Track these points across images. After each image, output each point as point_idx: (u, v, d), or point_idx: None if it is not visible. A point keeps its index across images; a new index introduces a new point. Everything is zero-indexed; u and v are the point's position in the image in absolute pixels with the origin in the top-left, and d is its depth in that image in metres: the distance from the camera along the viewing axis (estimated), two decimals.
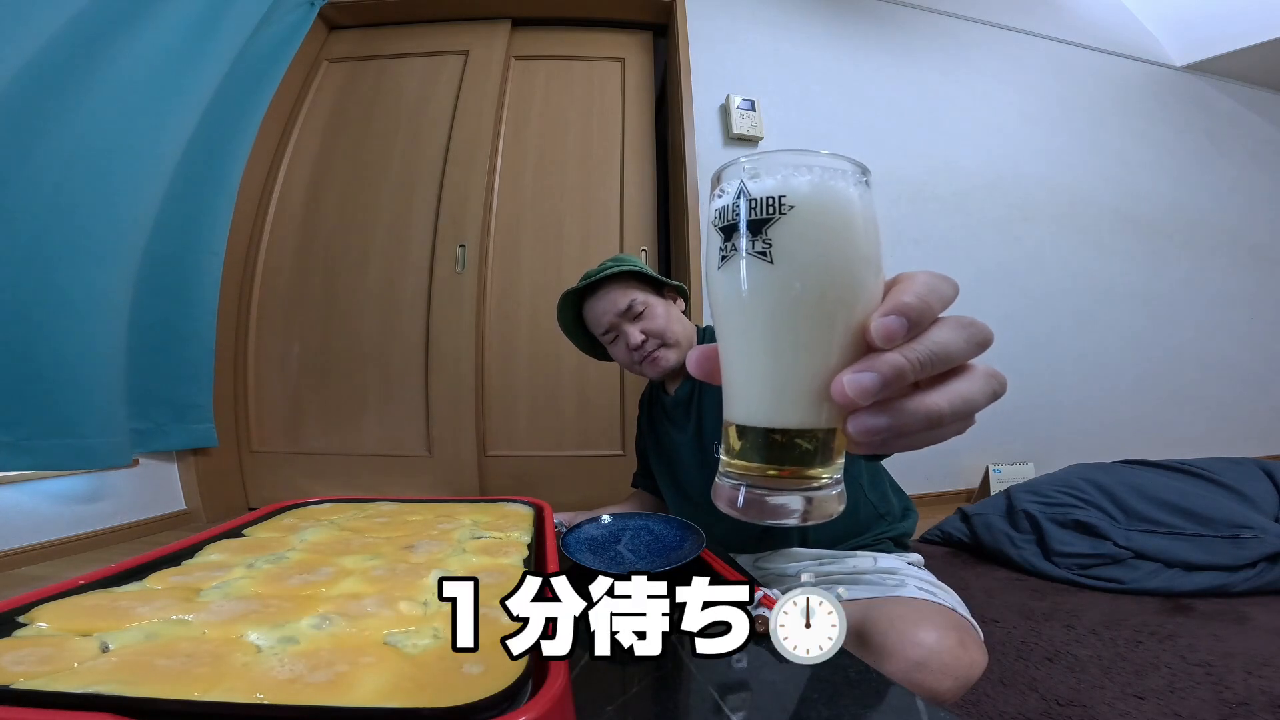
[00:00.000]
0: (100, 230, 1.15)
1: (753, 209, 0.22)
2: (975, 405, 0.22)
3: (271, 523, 0.54)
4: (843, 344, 0.22)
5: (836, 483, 0.23)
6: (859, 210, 0.22)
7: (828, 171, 0.22)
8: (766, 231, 0.22)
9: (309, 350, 1.68)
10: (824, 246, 0.21)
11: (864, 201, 0.23)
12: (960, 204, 1.97)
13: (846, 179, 0.22)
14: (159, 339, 1.36)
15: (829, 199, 0.22)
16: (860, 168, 0.23)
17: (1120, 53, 2.29)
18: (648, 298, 0.85)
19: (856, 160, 0.23)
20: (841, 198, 0.22)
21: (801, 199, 0.21)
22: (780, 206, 0.21)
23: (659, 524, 0.59)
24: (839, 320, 0.22)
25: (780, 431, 0.22)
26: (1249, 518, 1.23)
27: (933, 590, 0.67)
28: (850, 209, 0.22)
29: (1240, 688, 0.79)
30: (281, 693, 0.24)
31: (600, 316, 0.85)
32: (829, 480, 0.23)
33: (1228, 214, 2.30)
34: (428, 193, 1.72)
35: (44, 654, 0.27)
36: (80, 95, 1.11)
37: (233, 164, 1.52)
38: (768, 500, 0.23)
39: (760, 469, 0.23)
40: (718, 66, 1.81)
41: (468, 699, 0.23)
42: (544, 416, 1.66)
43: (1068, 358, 2.02)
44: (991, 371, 0.23)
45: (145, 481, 1.40)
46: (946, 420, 0.21)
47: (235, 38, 1.40)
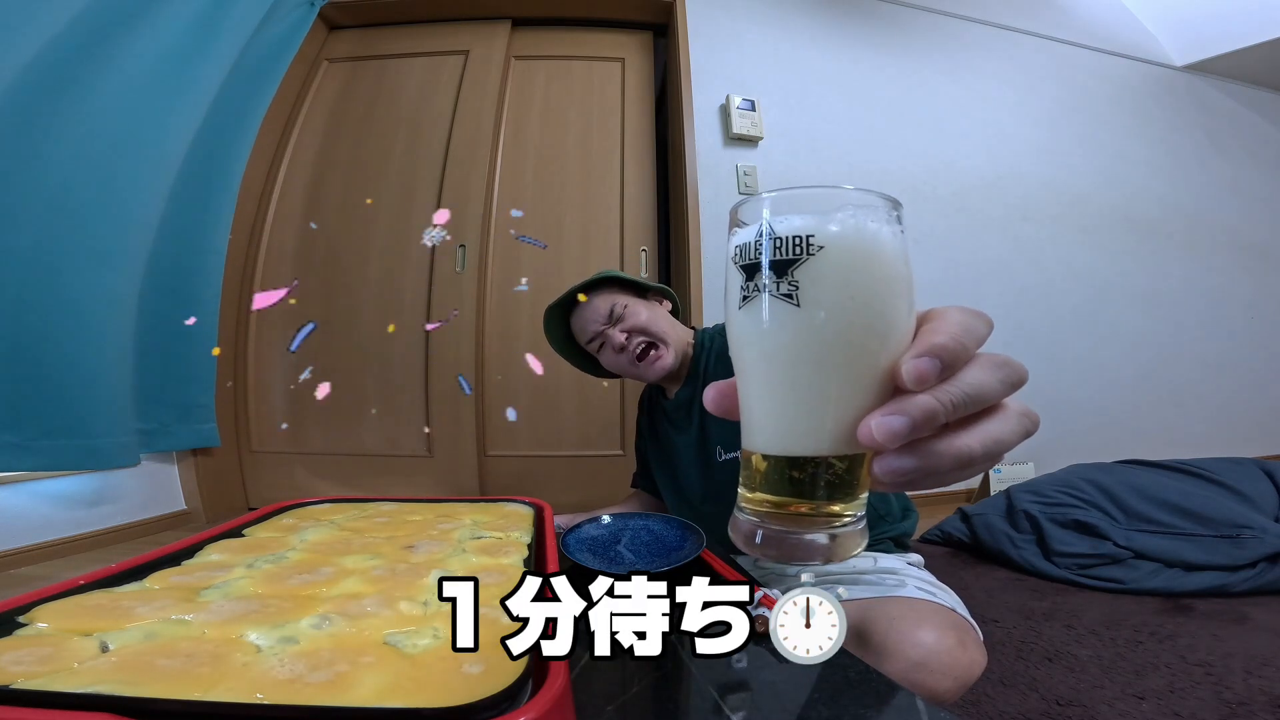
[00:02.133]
0: (106, 230, 1.15)
1: (778, 249, 0.21)
2: (1006, 446, 0.21)
3: (271, 523, 0.54)
4: (872, 385, 0.21)
5: (859, 519, 0.22)
6: (891, 249, 0.21)
7: (859, 210, 0.21)
8: (793, 273, 0.21)
9: (309, 350, 1.67)
10: (854, 289, 0.21)
11: (896, 240, 0.22)
12: (960, 204, 1.97)
13: (878, 217, 0.21)
14: (163, 339, 1.36)
15: (859, 239, 0.21)
16: (892, 203, 0.22)
17: (1120, 53, 2.29)
18: (629, 300, 0.86)
19: (888, 195, 0.22)
20: (873, 238, 0.21)
21: (831, 239, 0.20)
22: (809, 247, 0.20)
23: (659, 524, 0.59)
24: (869, 362, 0.21)
25: (804, 462, 0.22)
26: (1249, 518, 1.23)
27: (932, 590, 0.67)
28: (882, 249, 0.21)
29: (1240, 688, 0.79)
30: (281, 693, 0.24)
31: (587, 326, 0.87)
32: (852, 518, 0.22)
33: (1228, 213, 2.30)
34: (428, 193, 1.72)
35: (44, 654, 0.27)
36: (84, 95, 1.11)
37: (234, 164, 1.52)
38: (789, 538, 0.22)
39: (782, 503, 0.22)
40: (718, 66, 1.81)
41: (468, 699, 0.23)
42: (544, 416, 1.66)
43: (1068, 357, 2.01)
44: (1024, 410, 0.22)
45: (145, 481, 1.40)
46: (978, 461, 0.20)
47: (236, 38, 1.40)
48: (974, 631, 0.63)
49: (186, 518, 1.47)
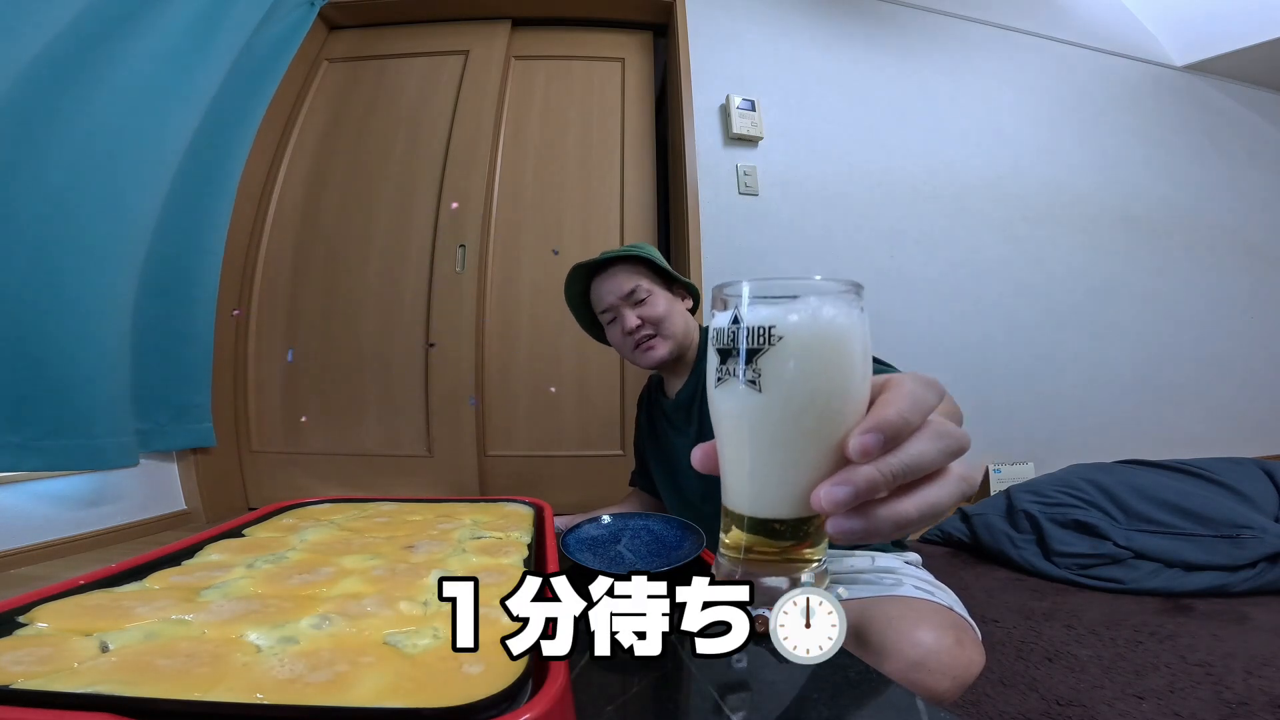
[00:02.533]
0: (106, 231, 1.15)
1: (745, 337, 0.24)
2: (941, 510, 0.24)
3: (271, 523, 0.54)
4: (826, 458, 0.24)
5: (822, 563, 0.26)
6: (845, 336, 0.24)
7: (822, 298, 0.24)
8: (757, 361, 0.24)
9: (309, 350, 1.67)
10: (809, 375, 0.23)
11: (852, 325, 0.24)
12: (960, 204, 1.97)
13: (838, 305, 0.24)
14: (160, 339, 1.36)
15: (814, 329, 0.23)
16: (854, 289, 0.25)
17: (1120, 53, 2.29)
18: (653, 287, 0.87)
19: (850, 282, 0.25)
20: (828, 327, 0.24)
21: (789, 329, 0.23)
22: (770, 337, 0.23)
23: (659, 524, 0.59)
24: (823, 438, 0.24)
25: (771, 520, 0.25)
26: (1249, 518, 1.23)
27: (931, 589, 0.67)
28: (837, 336, 0.24)
29: (1240, 688, 0.79)
30: (281, 692, 0.24)
31: (604, 296, 0.88)
32: (817, 562, 0.26)
33: (1228, 213, 2.30)
34: (428, 193, 1.72)
35: (44, 654, 0.27)
36: (84, 95, 1.11)
37: (231, 164, 1.52)
38: (763, 581, 0.25)
39: (753, 552, 0.26)
40: (718, 66, 1.81)
41: (468, 699, 0.23)
42: (544, 416, 1.66)
43: (1068, 357, 2.01)
44: (963, 475, 0.24)
45: (145, 481, 1.40)
46: (914, 524, 0.23)
47: (236, 37, 1.40)
48: (972, 630, 0.63)
49: (186, 518, 1.47)
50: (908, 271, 1.87)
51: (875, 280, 1.84)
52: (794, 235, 1.76)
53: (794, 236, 1.76)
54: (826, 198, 1.83)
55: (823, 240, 1.79)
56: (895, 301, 1.84)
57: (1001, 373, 1.92)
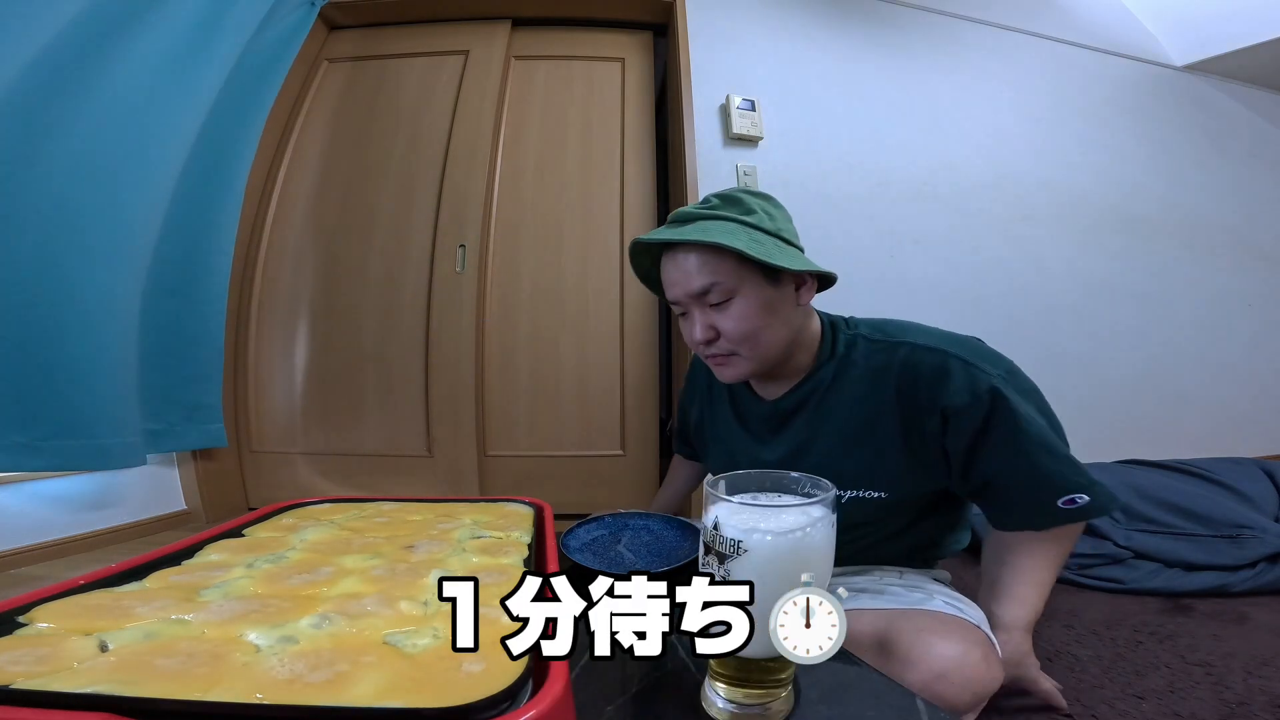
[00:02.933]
0: (108, 232, 1.15)
1: (720, 544, 0.30)
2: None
3: (271, 523, 0.54)
4: None
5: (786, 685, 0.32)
6: (804, 544, 0.30)
7: (788, 516, 0.30)
8: (727, 564, 0.30)
9: (309, 350, 1.67)
10: (767, 580, 0.29)
11: (815, 531, 0.30)
12: (960, 204, 1.97)
13: (803, 520, 0.30)
14: (171, 339, 1.37)
15: (776, 547, 0.29)
16: (827, 507, 0.31)
17: (1120, 53, 2.28)
18: (740, 286, 0.61)
19: (824, 499, 0.31)
20: (788, 545, 0.29)
21: (754, 545, 0.29)
22: (738, 549, 0.29)
23: (659, 524, 0.59)
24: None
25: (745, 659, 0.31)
26: (1249, 518, 1.23)
27: (959, 606, 0.66)
28: (794, 551, 0.29)
29: (1240, 688, 0.79)
30: (281, 692, 0.24)
31: (670, 286, 0.65)
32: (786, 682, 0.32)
33: (1228, 213, 2.30)
34: (428, 193, 1.72)
35: (43, 653, 0.27)
36: (85, 97, 1.11)
37: (238, 164, 1.52)
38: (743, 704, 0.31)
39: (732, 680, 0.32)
40: (718, 66, 1.81)
41: (468, 699, 0.24)
42: (544, 416, 1.66)
43: (1067, 357, 2.01)
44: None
45: (145, 482, 1.40)
46: None
47: (237, 38, 1.40)
48: (995, 649, 0.62)
49: (186, 518, 1.47)
50: (908, 271, 1.87)
51: (875, 280, 1.84)
52: None
53: None
54: (826, 198, 1.82)
55: (823, 240, 1.79)
56: (895, 301, 1.84)
57: None
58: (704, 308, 0.63)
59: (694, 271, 0.61)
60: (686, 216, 0.63)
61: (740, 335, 0.62)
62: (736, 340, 0.63)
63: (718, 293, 0.61)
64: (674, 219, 0.65)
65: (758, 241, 0.60)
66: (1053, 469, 0.63)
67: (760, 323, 0.62)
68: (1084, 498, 0.63)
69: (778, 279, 0.63)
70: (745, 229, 0.61)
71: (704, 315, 0.63)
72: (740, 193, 0.65)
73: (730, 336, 0.63)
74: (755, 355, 0.64)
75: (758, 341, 0.63)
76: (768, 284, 0.62)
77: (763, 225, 0.62)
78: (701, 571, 0.32)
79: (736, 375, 0.66)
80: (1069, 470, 0.63)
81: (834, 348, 0.69)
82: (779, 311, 0.63)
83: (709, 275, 0.60)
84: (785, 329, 0.65)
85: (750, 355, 0.64)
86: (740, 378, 0.66)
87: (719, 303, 0.62)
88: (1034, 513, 0.65)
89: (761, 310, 0.62)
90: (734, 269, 0.60)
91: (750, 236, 0.60)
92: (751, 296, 0.61)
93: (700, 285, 0.61)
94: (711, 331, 0.63)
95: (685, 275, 0.62)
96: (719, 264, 0.60)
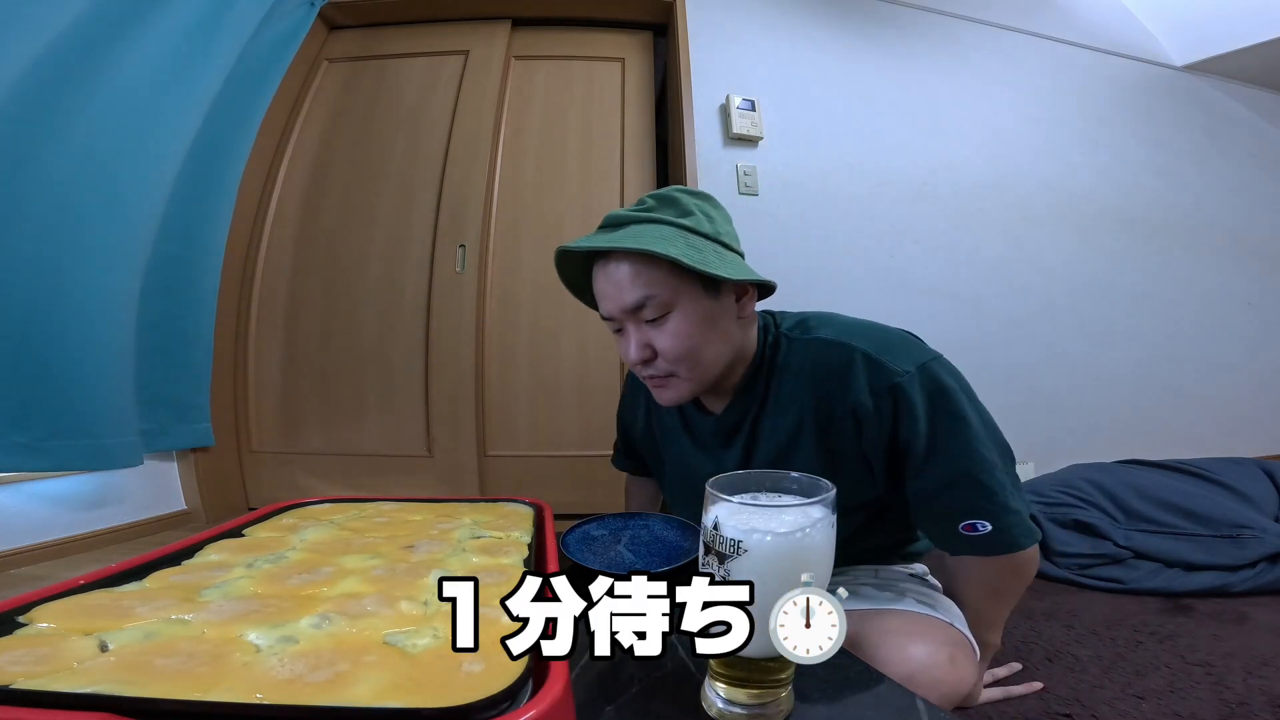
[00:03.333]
0: (109, 231, 1.15)
1: (720, 544, 0.30)
2: None
3: (271, 523, 0.54)
4: None
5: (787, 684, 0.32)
6: (803, 545, 0.30)
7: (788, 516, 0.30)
8: (726, 564, 0.30)
9: (309, 350, 1.67)
10: (767, 581, 0.29)
11: (815, 531, 0.30)
12: (960, 204, 1.97)
13: (803, 519, 0.30)
14: (161, 339, 1.36)
15: (775, 548, 0.29)
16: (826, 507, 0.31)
17: (1120, 53, 2.29)
18: (677, 298, 0.56)
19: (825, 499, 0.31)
20: (788, 545, 0.29)
21: (753, 545, 0.29)
22: (738, 549, 0.29)
23: (659, 524, 0.59)
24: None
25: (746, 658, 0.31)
26: (1249, 518, 1.23)
27: (931, 604, 0.65)
28: (794, 551, 0.29)
29: (1240, 688, 0.79)
30: (281, 692, 0.24)
31: (602, 300, 0.60)
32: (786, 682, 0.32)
33: (1228, 214, 2.30)
34: (428, 193, 1.72)
35: (43, 653, 0.27)
36: (85, 97, 1.11)
37: (232, 164, 1.52)
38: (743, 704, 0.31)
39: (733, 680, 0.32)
40: (718, 66, 1.81)
41: (468, 699, 0.24)
42: (544, 416, 1.66)
43: (1068, 357, 2.02)
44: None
45: (145, 481, 1.40)
46: None
47: (237, 38, 1.40)
48: (968, 647, 0.61)
49: (186, 518, 1.47)
50: (908, 271, 1.87)
51: (875, 280, 1.84)
52: (794, 235, 1.76)
53: (794, 236, 1.76)
54: (826, 198, 1.82)
55: (823, 240, 1.79)
56: (895, 301, 1.84)
57: (1001, 373, 1.92)
58: (639, 324, 0.58)
59: (626, 283, 0.56)
60: (619, 220, 0.58)
61: (678, 354, 0.57)
62: (674, 359, 0.58)
63: (653, 307, 0.56)
64: (606, 223, 0.59)
65: (695, 248, 0.55)
66: (960, 486, 0.54)
67: (700, 339, 0.57)
68: (986, 526, 0.54)
69: (718, 290, 0.58)
70: (681, 233, 0.56)
71: (639, 332, 0.58)
72: (677, 192, 0.60)
73: (668, 355, 0.58)
74: (695, 376, 0.59)
75: (697, 360, 0.58)
76: (706, 295, 0.57)
77: (700, 229, 0.57)
78: (701, 571, 0.32)
79: (676, 398, 0.61)
80: (974, 492, 0.54)
81: (763, 354, 0.65)
82: (719, 325, 0.59)
83: (642, 288, 0.55)
84: (726, 345, 0.60)
85: (690, 376, 0.59)
86: (679, 400, 0.62)
87: (655, 318, 0.57)
88: (938, 534, 0.59)
89: (701, 325, 0.57)
90: (670, 279, 0.55)
91: (687, 242, 0.55)
92: (689, 310, 0.57)
93: (634, 299, 0.56)
94: (648, 350, 0.58)
95: (617, 288, 0.56)
96: (653, 274, 0.55)
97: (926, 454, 0.54)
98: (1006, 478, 0.55)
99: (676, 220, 0.57)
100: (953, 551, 0.59)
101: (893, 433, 0.55)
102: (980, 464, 0.54)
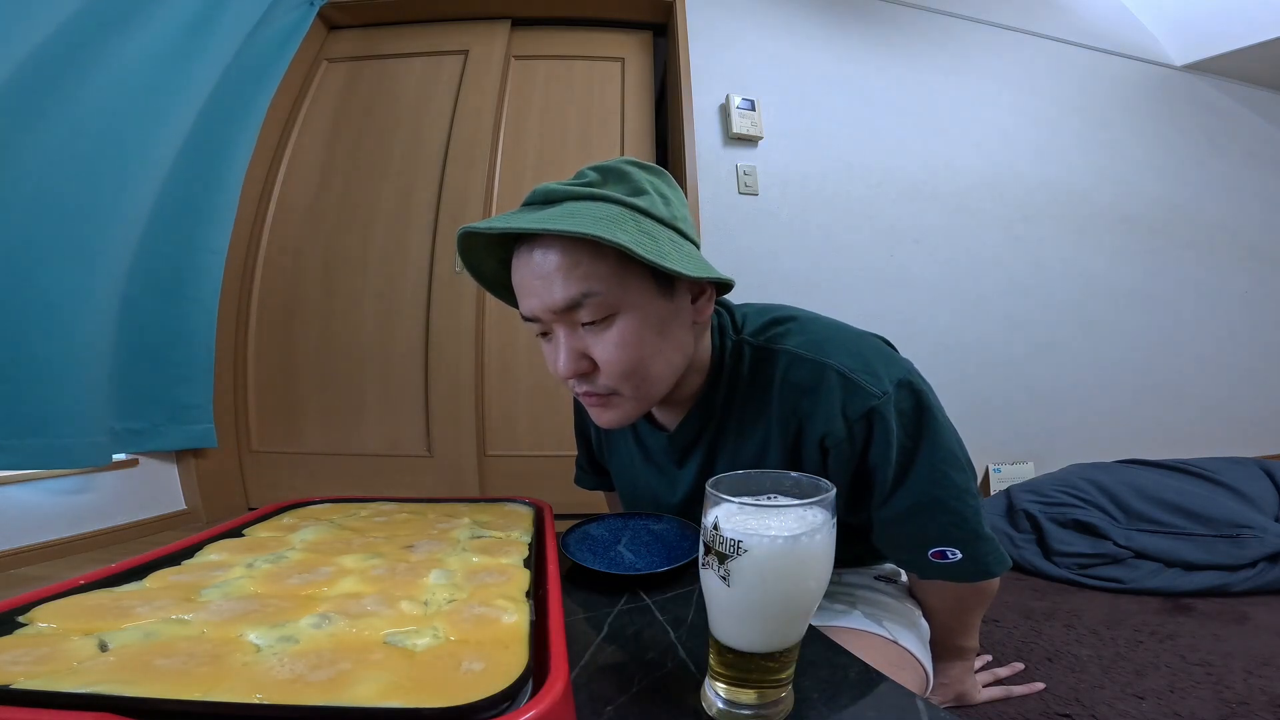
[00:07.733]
0: (87, 230, 1.14)
1: (720, 544, 0.30)
2: None
3: (271, 523, 0.54)
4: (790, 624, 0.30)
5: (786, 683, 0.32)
6: (803, 549, 0.29)
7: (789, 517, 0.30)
8: (727, 564, 0.29)
9: (309, 350, 1.67)
10: (768, 581, 0.29)
11: (817, 533, 0.29)
12: (960, 204, 1.97)
13: (803, 520, 0.30)
14: (155, 338, 1.36)
15: (775, 549, 0.29)
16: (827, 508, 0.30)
17: (1120, 52, 2.29)
18: (623, 299, 0.45)
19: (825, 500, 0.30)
20: (787, 547, 0.29)
21: (754, 545, 0.29)
22: (738, 549, 0.29)
23: (659, 524, 0.59)
24: (784, 618, 0.30)
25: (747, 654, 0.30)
26: (1249, 517, 1.23)
27: (879, 618, 0.60)
28: (794, 552, 0.29)
29: (1240, 687, 0.79)
30: (281, 692, 0.24)
31: (524, 296, 0.47)
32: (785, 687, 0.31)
33: (1228, 213, 2.30)
34: (428, 193, 1.72)
35: (43, 653, 0.27)
36: (70, 95, 1.10)
37: (234, 163, 1.52)
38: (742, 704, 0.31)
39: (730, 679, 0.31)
40: (718, 66, 1.81)
41: (468, 698, 0.23)
42: (544, 416, 1.66)
43: (1067, 357, 2.02)
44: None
45: (145, 481, 1.40)
46: None
47: (233, 37, 1.40)
48: (913, 667, 0.57)
49: (186, 518, 1.47)
50: (908, 271, 1.87)
51: (875, 280, 1.84)
52: (794, 235, 1.76)
53: (794, 236, 1.76)
54: (826, 197, 1.83)
55: (823, 240, 1.79)
56: (895, 301, 1.84)
57: (1001, 372, 1.93)
58: (573, 328, 0.46)
59: (557, 276, 0.43)
60: (550, 195, 0.45)
61: (623, 368, 0.46)
62: (619, 375, 0.46)
63: (591, 308, 0.44)
64: (532, 199, 0.45)
65: (649, 234, 0.43)
66: (929, 511, 0.50)
67: (649, 350, 0.46)
68: (955, 554, 0.50)
69: (672, 289, 0.47)
70: (632, 215, 0.44)
71: (572, 339, 0.46)
72: (626, 164, 0.47)
73: (610, 370, 0.46)
74: (642, 394, 0.48)
75: (645, 375, 0.47)
76: (660, 296, 0.46)
77: (655, 211, 0.45)
78: (701, 571, 0.31)
79: (618, 420, 0.50)
80: (945, 519, 0.50)
81: (722, 362, 0.55)
82: (671, 333, 0.48)
83: (579, 282, 0.43)
84: (679, 355, 0.49)
85: (635, 394, 0.48)
86: (623, 423, 0.51)
87: (593, 321, 0.45)
88: (904, 560, 0.56)
89: (651, 332, 0.46)
90: (615, 274, 0.43)
91: (639, 227, 0.43)
92: (638, 314, 0.45)
93: (566, 297, 0.43)
94: (584, 362, 0.47)
95: (544, 282, 0.44)
96: (593, 266, 0.43)
97: (896, 480, 0.50)
98: (976, 501, 0.52)
99: (626, 199, 0.44)
100: (920, 575, 0.55)
101: (862, 458, 0.50)
102: (950, 489, 0.50)
